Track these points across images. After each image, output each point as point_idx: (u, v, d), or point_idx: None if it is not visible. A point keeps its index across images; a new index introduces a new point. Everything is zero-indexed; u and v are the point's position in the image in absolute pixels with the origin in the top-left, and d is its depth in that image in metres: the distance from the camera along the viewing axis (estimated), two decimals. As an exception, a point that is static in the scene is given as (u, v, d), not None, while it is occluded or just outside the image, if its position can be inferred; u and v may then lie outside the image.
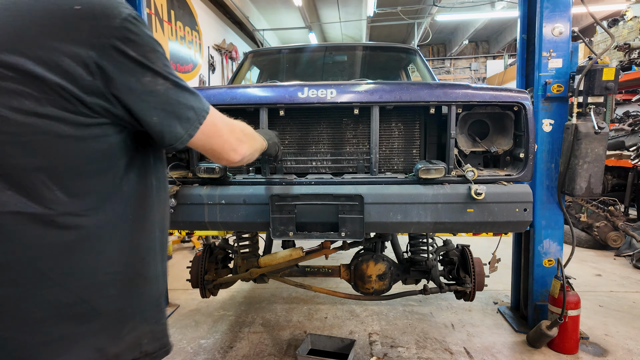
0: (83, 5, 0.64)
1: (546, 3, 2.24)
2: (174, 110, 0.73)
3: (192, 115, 0.76)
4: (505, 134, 1.85)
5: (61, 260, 0.68)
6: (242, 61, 3.41)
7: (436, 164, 1.68)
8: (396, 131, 1.94)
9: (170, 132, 0.75)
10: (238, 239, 2.52)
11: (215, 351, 2.41)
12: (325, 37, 15.07)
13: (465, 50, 16.91)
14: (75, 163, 0.68)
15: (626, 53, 5.24)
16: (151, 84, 0.70)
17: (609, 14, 10.09)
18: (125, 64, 0.67)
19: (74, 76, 0.63)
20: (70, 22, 0.63)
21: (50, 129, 0.64)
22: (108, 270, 0.73)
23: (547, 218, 2.40)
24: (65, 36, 0.62)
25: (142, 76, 0.69)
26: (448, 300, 3.08)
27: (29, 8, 0.63)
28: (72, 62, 0.63)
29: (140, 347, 0.76)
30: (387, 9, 10.88)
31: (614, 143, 5.62)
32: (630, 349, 2.37)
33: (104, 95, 0.67)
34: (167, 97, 0.72)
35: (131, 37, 0.67)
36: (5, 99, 0.61)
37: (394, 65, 3.53)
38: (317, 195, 1.66)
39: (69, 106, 0.64)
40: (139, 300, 0.77)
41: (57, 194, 0.66)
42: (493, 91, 1.74)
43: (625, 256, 4.17)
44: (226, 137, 0.86)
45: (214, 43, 8.69)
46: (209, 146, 0.83)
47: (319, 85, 1.74)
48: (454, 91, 1.73)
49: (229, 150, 0.87)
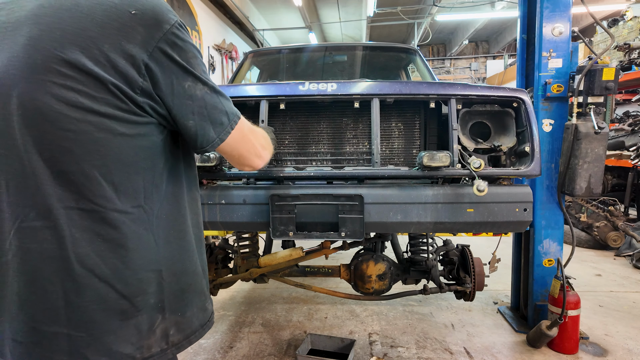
0: (138, 10, 0.68)
1: (546, 3, 2.24)
2: (210, 114, 0.77)
3: (225, 120, 0.80)
4: (507, 132, 1.82)
5: (107, 258, 0.70)
6: (242, 61, 3.41)
7: (441, 152, 1.63)
8: (396, 131, 1.94)
9: (204, 136, 0.78)
10: (238, 239, 2.52)
11: (215, 351, 2.41)
12: (325, 37, 15.07)
13: (465, 50, 16.91)
14: (125, 160, 0.71)
15: (626, 53, 5.24)
16: (191, 88, 0.74)
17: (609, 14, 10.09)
18: (171, 67, 0.71)
19: (127, 76, 0.67)
20: (127, 26, 0.66)
21: (104, 127, 0.67)
22: (147, 267, 0.75)
23: (547, 218, 2.40)
24: (121, 38, 0.66)
25: (184, 80, 0.73)
26: (448, 300, 3.08)
27: (89, 10, 0.65)
28: (126, 63, 0.66)
29: (167, 338, 0.79)
30: (387, 9, 10.88)
31: (614, 143, 5.62)
32: (630, 349, 2.37)
33: (151, 96, 0.70)
34: (205, 101, 0.76)
35: (178, 42, 0.72)
36: (64, 96, 0.64)
37: (394, 65, 3.53)
38: (317, 195, 1.66)
39: (122, 105, 0.68)
40: (171, 295, 0.79)
41: (107, 190, 0.69)
42: (491, 89, 1.76)
43: (625, 256, 4.17)
44: (252, 143, 0.89)
45: (214, 43, 8.69)
46: (237, 152, 0.86)
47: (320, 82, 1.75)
48: (453, 86, 1.75)
49: (254, 156, 0.90)
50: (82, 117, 0.65)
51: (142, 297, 0.74)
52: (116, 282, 0.71)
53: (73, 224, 0.67)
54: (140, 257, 0.73)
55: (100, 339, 0.70)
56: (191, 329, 0.84)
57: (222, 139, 0.80)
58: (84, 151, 0.66)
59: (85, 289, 0.69)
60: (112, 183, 0.69)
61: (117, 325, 0.72)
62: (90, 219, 0.68)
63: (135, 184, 0.72)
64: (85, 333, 0.69)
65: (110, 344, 0.71)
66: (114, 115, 0.67)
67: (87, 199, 0.68)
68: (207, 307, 0.89)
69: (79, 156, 0.66)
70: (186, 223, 0.84)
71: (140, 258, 0.73)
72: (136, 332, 0.74)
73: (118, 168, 0.70)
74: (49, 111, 0.64)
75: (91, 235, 0.68)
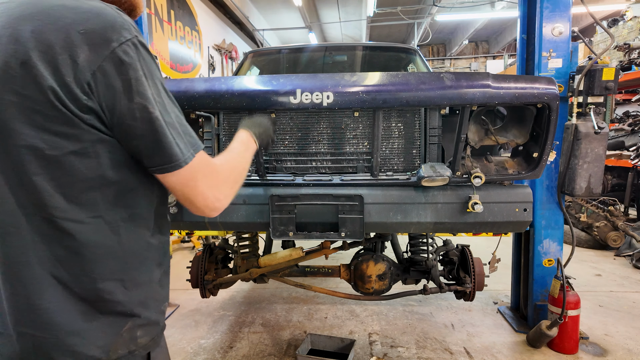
0: (87, 29, 0.67)
1: (546, 3, 2.24)
2: (156, 139, 0.72)
3: (176, 151, 0.74)
4: (522, 126, 1.67)
5: (65, 263, 0.72)
6: (242, 61, 3.41)
7: (440, 172, 1.58)
8: (396, 130, 1.93)
9: (149, 160, 0.74)
10: (238, 239, 2.52)
11: (215, 351, 2.41)
12: (325, 37, 15.07)
13: (465, 50, 16.91)
14: (78, 177, 0.71)
15: (626, 53, 5.24)
16: (135, 110, 0.70)
17: (609, 14, 10.09)
18: (113, 88, 0.68)
19: (73, 95, 0.66)
20: (74, 45, 0.66)
21: (56, 145, 0.68)
22: (108, 276, 0.76)
23: (547, 218, 2.40)
24: (68, 58, 0.66)
25: (128, 101, 0.69)
26: (448, 300, 3.08)
27: (42, 26, 0.66)
28: (73, 82, 0.66)
29: (135, 340, 0.80)
30: (387, 9, 10.88)
31: (614, 143, 5.62)
32: (630, 349, 2.37)
33: (98, 115, 0.69)
34: (151, 125, 0.71)
35: (126, 61, 0.69)
36: (18, 112, 0.66)
37: (394, 65, 3.53)
38: (317, 195, 1.66)
39: (71, 124, 0.67)
40: (136, 301, 0.80)
41: (62, 202, 0.70)
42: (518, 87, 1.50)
43: (625, 256, 4.17)
44: (207, 187, 0.79)
45: (214, 43, 8.69)
46: (185, 191, 0.78)
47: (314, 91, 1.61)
48: (471, 91, 1.50)
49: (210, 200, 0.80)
50: (35, 134, 0.66)
51: (103, 303, 0.75)
52: (75, 286, 0.73)
53: (34, 230, 0.70)
54: (100, 266, 0.74)
55: (64, 340, 0.72)
56: (157, 330, 0.86)
57: (172, 168, 0.74)
58: (36, 166, 0.68)
59: (45, 291, 0.71)
60: (66, 196, 0.70)
61: (81, 327, 0.73)
62: (47, 226, 0.70)
63: (91, 197, 0.73)
64: (49, 334, 0.71)
65: (74, 346, 0.72)
66: (64, 133, 0.67)
67: (43, 209, 0.69)
68: (163, 310, 0.91)
69: (32, 171, 0.68)
70: (152, 234, 0.84)
71: (99, 266, 0.74)
72: (102, 334, 0.75)
73: (71, 183, 0.71)
74: (4, 127, 0.66)
75: (50, 240, 0.71)
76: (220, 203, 0.83)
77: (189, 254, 4.64)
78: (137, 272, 0.81)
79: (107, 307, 0.76)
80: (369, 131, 1.93)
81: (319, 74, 1.52)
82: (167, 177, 0.76)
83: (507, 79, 1.54)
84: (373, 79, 1.51)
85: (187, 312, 2.97)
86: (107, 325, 0.76)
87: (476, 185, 1.61)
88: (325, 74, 1.52)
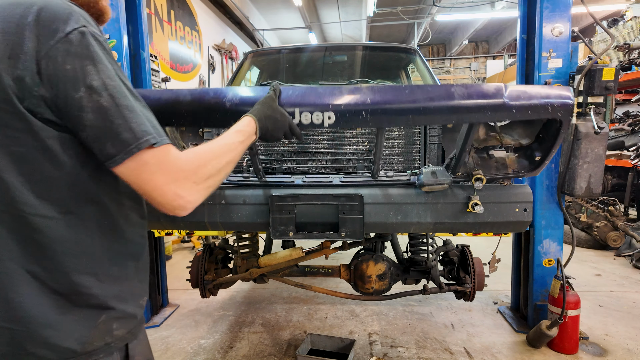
0: (35, 19, 0.68)
1: (546, 3, 2.24)
2: (106, 128, 0.70)
3: (129, 137, 0.70)
4: (530, 125, 1.63)
5: (38, 257, 0.73)
6: (242, 61, 3.41)
7: (440, 180, 1.57)
8: (396, 131, 1.94)
9: (101, 151, 0.71)
10: (238, 239, 2.52)
11: (215, 351, 2.41)
12: (325, 37, 15.07)
13: (465, 50, 16.91)
14: (45, 172, 0.72)
15: (626, 53, 5.24)
16: (82, 99, 0.69)
17: (609, 14, 10.09)
18: (59, 77, 0.68)
19: (27, 88, 0.67)
20: (25, 37, 0.67)
21: (20, 141, 0.69)
22: (81, 270, 0.77)
23: (547, 218, 2.40)
24: (19, 50, 0.67)
25: (74, 91, 0.68)
26: (448, 300, 3.08)
27: (6, 23, 0.68)
28: (25, 74, 0.67)
29: (111, 332, 0.81)
30: (387, 9, 10.87)
31: (614, 143, 5.62)
32: (630, 349, 2.37)
33: (51, 108, 0.69)
34: (100, 114, 0.69)
35: (72, 50, 0.68)
36: None
37: (394, 65, 3.53)
38: (317, 196, 1.66)
39: (33, 119, 0.68)
40: (111, 295, 0.82)
41: (30, 197, 0.71)
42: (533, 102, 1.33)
43: (625, 256, 4.17)
44: (165, 182, 0.73)
45: (214, 43, 8.69)
46: (141, 183, 0.73)
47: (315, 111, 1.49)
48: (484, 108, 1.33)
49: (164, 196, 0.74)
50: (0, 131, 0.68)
51: (77, 296, 0.77)
52: (49, 280, 0.74)
53: (5, 226, 0.71)
54: (73, 260, 0.75)
55: (39, 333, 0.73)
56: (134, 323, 0.87)
57: (121, 159, 0.70)
58: (4, 163, 0.69)
59: (19, 285, 0.72)
60: (35, 192, 0.71)
61: (55, 320, 0.74)
62: (18, 222, 0.71)
63: (60, 193, 0.74)
64: (25, 327, 0.72)
65: (49, 338, 0.74)
66: (24, 129, 0.68)
67: (13, 205, 0.70)
68: (142, 304, 0.92)
69: (1, 168, 0.69)
70: (125, 229, 0.85)
71: (72, 261, 0.75)
72: (77, 327, 0.77)
73: (40, 179, 0.71)
74: None
75: (21, 236, 0.72)
76: (182, 200, 0.75)
77: (189, 254, 4.64)
78: (111, 266, 0.82)
79: (81, 300, 0.77)
80: (369, 131, 1.93)
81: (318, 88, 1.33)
82: (120, 169, 0.72)
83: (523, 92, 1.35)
84: (377, 96, 1.31)
85: (187, 312, 2.97)
86: (82, 317, 0.77)
87: (477, 189, 1.59)
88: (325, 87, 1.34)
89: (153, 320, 2.81)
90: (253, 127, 0.98)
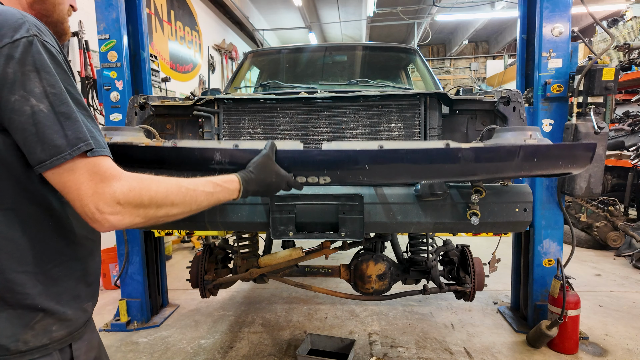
0: None
1: (546, 3, 2.25)
2: (39, 133, 0.71)
3: (61, 142, 0.71)
4: None
5: None
6: (242, 61, 3.41)
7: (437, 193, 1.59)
8: (396, 131, 1.94)
9: (30, 155, 0.72)
10: (238, 239, 2.52)
11: (215, 351, 2.41)
12: (325, 37, 15.07)
13: (465, 50, 16.90)
14: None
15: (626, 53, 5.24)
16: (18, 102, 0.71)
17: (609, 14, 10.09)
18: (0, 80, 0.70)
19: None
20: None
21: None
22: (17, 269, 0.77)
23: (547, 218, 2.41)
24: None
25: (11, 94, 0.71)
26: (448, 300, 3.08)
27: None
28: None
29: (50, 334, 0.81)
30: (387, 9, 10.87)
31: (614, 143, 5.62)
32: (630, 349, 2.37)
33: None
34: (34, 119, 0.71)
35: (15, 56, 0.71)
36: None
37: (394, 65, 3.53)
38: (317, 195, 1.66)
39: None
40: (50, 296, 0.82)
41: None
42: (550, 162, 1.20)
43: (625, 256, 4.17)
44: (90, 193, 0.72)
45: (214, 43, 8.69)
46: (63, 190, 0.73)
47: None
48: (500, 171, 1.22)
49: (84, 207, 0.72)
50: None
51: (11, 294, 0.77)
52: None
53: None
54: (9, 258, 0.76)
55: None
56: (75, 326, 0.87)
57: (51, 165, 0.70)
58: None
59: None
60: None
61: None
62: None
63: (1, 190, 0.74)
64: None
65: None
66: None
67: None
68: (87, 309, 0.91)
69: None
70: (72, 231, 0.85)
71: (8, 259, 0.76)
72: (9, 325, 0.77)
73: None
74: None
75: None
76: (100, 216, 0.73)
77: (189, 254, 4.64)
78: (53, 267, 0.82)
79: (15, 299, 0.77)
80: (369, 131, 1.93)
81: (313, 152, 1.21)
82: (48, 174, 0.72)
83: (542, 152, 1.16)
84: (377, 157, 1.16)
85: (187, 312, 2.97)
86: (15, 317, 0.77)
87: (474, 202, 1.56)
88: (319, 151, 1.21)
89: (153, 320, 2.81)
90: (236, 187, 0.95)
